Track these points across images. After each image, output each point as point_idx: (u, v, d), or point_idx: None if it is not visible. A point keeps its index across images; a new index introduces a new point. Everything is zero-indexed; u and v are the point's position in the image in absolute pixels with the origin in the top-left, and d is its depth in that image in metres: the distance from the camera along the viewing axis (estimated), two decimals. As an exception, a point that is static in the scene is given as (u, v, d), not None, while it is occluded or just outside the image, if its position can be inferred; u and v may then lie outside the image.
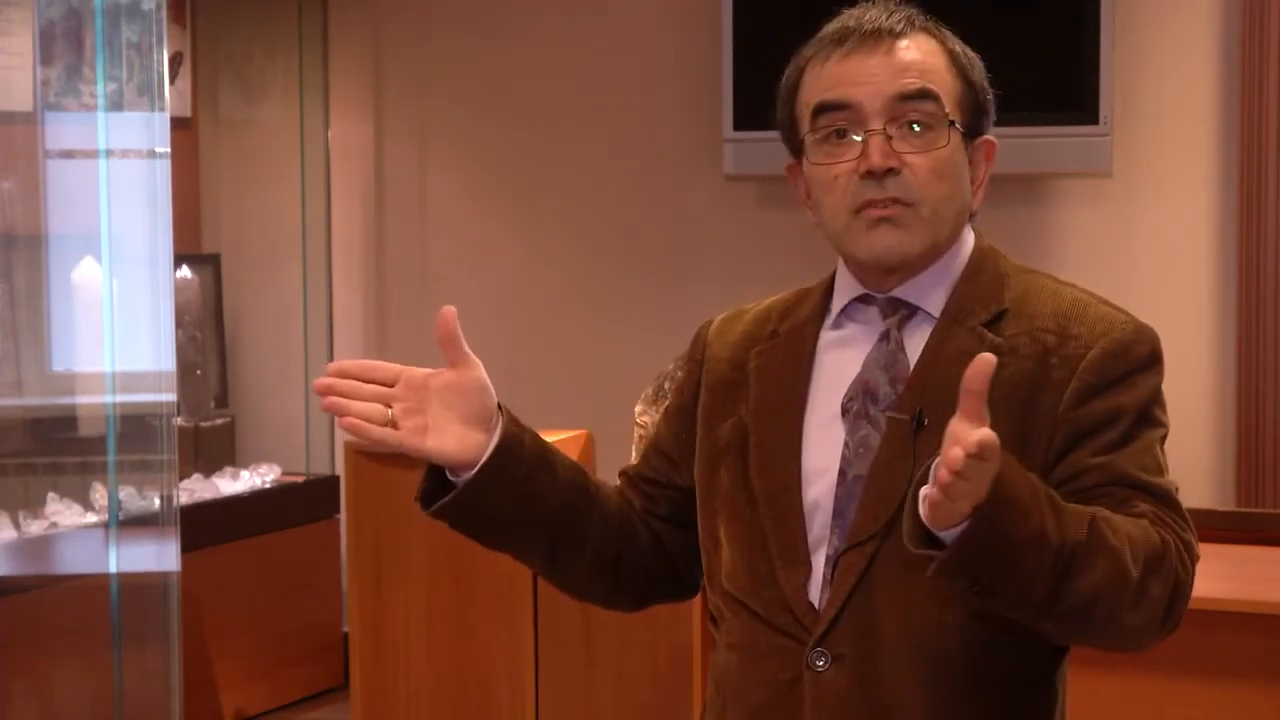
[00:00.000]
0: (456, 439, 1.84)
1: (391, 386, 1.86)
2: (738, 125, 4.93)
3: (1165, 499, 1.74)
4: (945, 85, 1.82)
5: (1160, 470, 1.76)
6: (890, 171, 1.78)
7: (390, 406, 1.84)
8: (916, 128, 1.80)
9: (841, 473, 1.80)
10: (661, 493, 1.98)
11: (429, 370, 1.87)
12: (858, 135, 1.80)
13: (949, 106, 1.81)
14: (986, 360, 1.56)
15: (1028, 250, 4.62)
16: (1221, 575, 3.29)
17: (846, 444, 1.80)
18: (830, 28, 1.86)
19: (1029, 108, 4.53)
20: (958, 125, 1.81)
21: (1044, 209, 4.85)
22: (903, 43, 1.82)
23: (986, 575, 1.62)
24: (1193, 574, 1.73)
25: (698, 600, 2.12)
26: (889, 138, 1.79)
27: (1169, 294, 4.70)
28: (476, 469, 1.84)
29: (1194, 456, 4.55)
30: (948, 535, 1.59)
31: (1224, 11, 4.68)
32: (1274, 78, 4.56)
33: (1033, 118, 4.51)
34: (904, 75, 1.80)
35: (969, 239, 1.88)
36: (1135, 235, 4.81)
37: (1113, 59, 4.61)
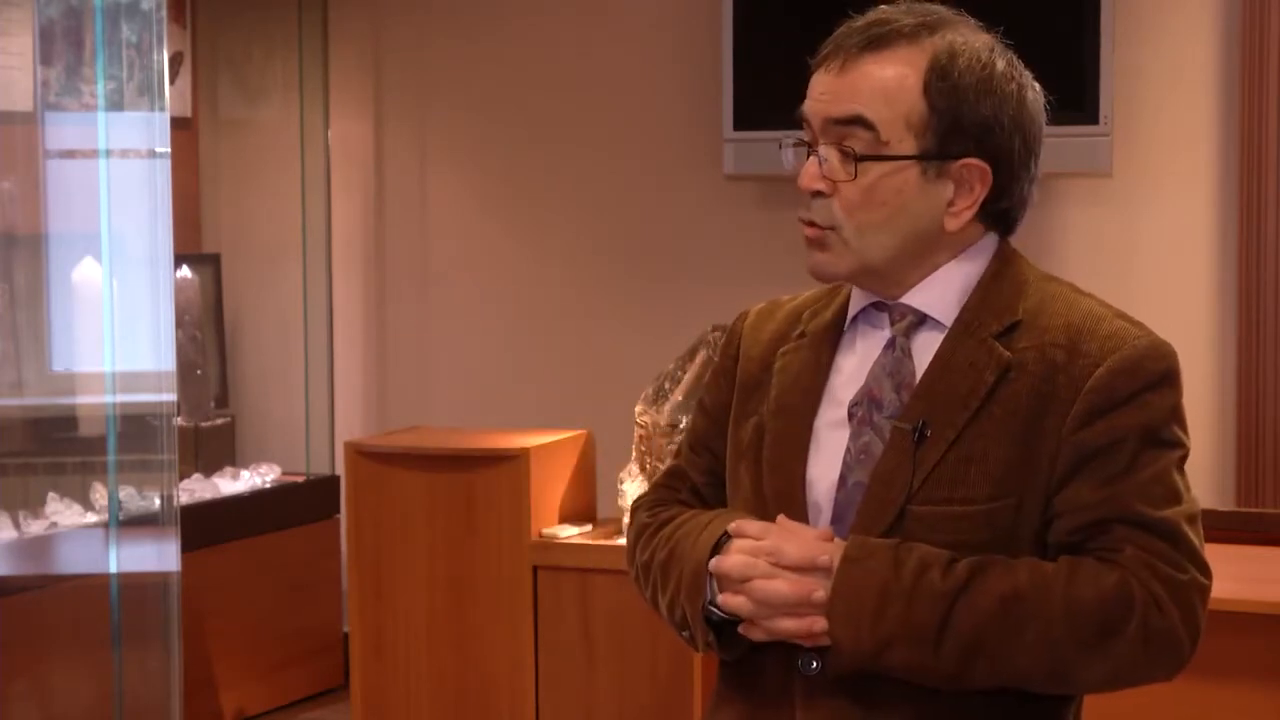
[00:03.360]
0: None
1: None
2: (738, 125, 4.93)
3: (1168, 534, 1.72)
4: (895, 110, 1.77)
5: (1172, 497, 1.74)
6: (818, 194, 1.80)
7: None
8: (847, 155, 1.78)
9: (842, 478, 1.80)
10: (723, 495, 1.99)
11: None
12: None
13: (890, 133, 1.76)
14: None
15: (1027, 250, 4.59)
16: (1222, 575, 3.27)
17: (849, 449, 1.80)
18: (837, 30, 1.85)
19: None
20: (894, 155, 1.77)
21: (1044, 209, 4.83)
22: (867, 57, 1.78)
23: (874, 671, 1.73)
24: (1182, 614, 1.72)
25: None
26: (824, 160, 1.79)
27: (1169, 294, 4.71)
28: None
29: (1194, 456, 4.54)
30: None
31: (1224, 12, 4.68)
32: (1274, 78, 4.56)
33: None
34: (843, 99, 1.78)
35: (987, 248, 1.85)
36: (1135, 235, 4.81)
37: (1113, 59, 4.61)
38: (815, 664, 1.77)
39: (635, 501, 2.05)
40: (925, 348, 1.82)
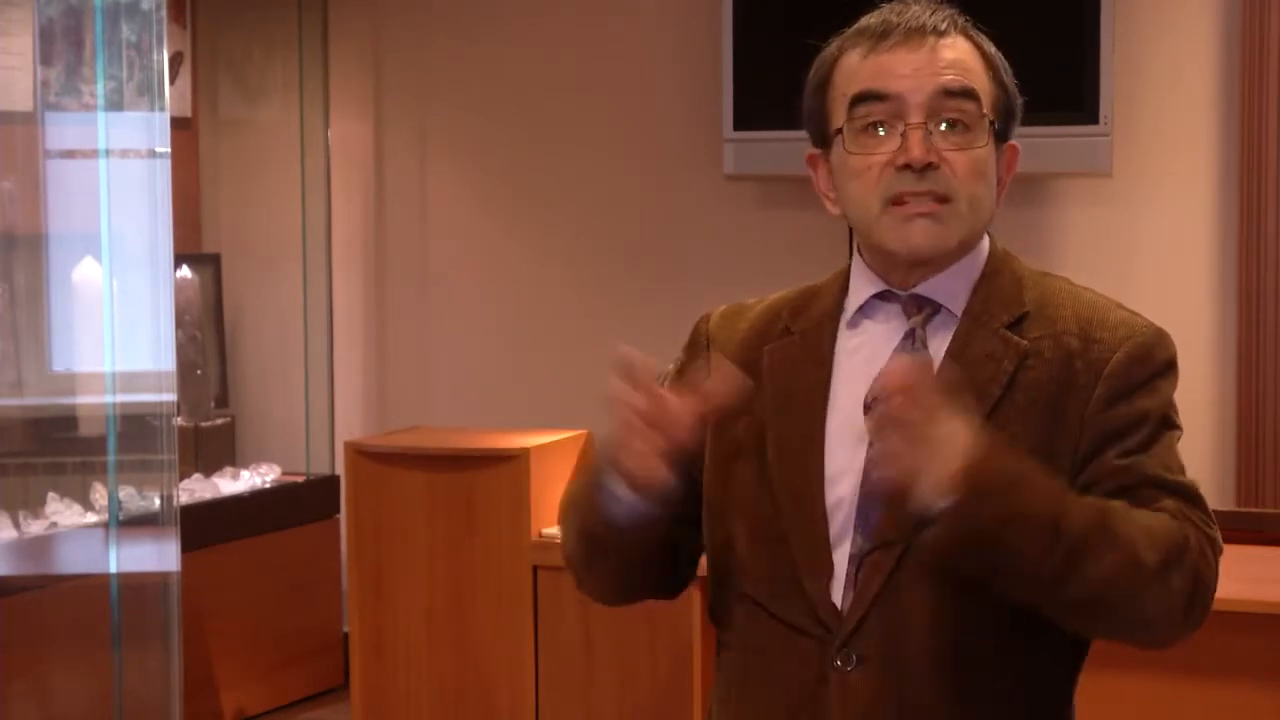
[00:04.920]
0: (657, 468, 1.79)
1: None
2: (738, 125, 4.92)
3: (1190, 496, 1.78)
4: (984, 86, 1.83)
5: (1182, 470, 1.80)
6: (929, 166, 1.79)
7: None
8: (956, 125, 1.81)
9: (866, 473, 1.79)
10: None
11: (677, 402, 1.79)
12: (896, 128, 1.80)
13: (987, 107, 1.83)
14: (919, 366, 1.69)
15: (1028, 250, 4.59)
16: (1222, 575, 3.29)
17: (871, 444, 1.79)
18: (871, 21, 1.86)
19: (1029, 108, 4.50)
20: (995, 127, 1.83)
21: (1044, 209, 4.85)
22: (946, 40, 1.83)
23: (983, 550, 1.67)
24: (1216, 569, 1.76)
25: (698, 600, 2.13)
26: (929, 133, 1.80)
27: (1169, 294, 4.70)
28: (666, 505, 1.80)
29: (1194, 456, 4.54)
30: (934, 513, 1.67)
31: (1224, 12, 4.68)
32: (1274, 78, 4.56)
33: (1033, 118, 4.47)
34: (948, 72, 1.81)
35: (985, 241, 1.89)
36: (1135, 235, 4.81)
37: (1113, 59, 4.61)
38: (849, 664, 1.76)
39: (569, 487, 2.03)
40: (937, 339, 1.83)
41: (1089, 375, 1.78)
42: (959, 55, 1.83)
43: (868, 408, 1.81)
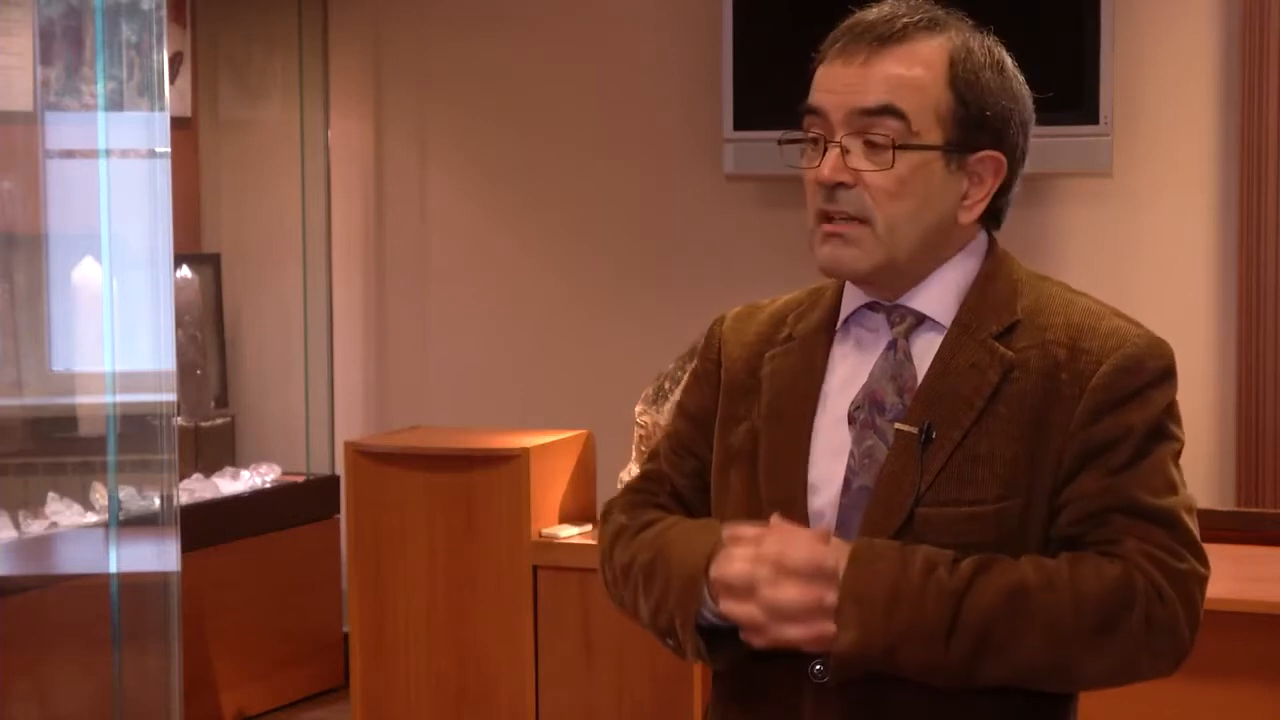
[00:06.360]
0: None
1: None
2: (738, 125, 4.93)
3: (1168, 522, 1.73)
4: (925, 100, 1.76)
5: (1170, 488, 1.75)
6: (840, 185, 1.76)
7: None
8: (879, 143, 1.76)
9: (846, 482, 1.78)
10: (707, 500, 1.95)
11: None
12: (823, 143, 1.78)
13: (920, 123, 1.76)
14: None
15: (1028, 250, 4.61)
16: (1221, 575, 3.28)
17: (852, 453, 1.79)
18: (844, 23, 1.82)
19: (1029, 108, 4.53)
20: (926, 145, 1.76)
21: (1044, 209, 4.85)
22: (890, 49, 1.77)
23: (882, 672, 1.70)
24: (1183, 604, 1.72)
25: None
26: (845, 151, 1.76)
27: (1169, 294, 4.71)
28: None
29: (1194, 457, 4.54)
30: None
31: (1224, 13, 4.68)
32: (1274, 77, 4.56)
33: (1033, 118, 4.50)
34: (871, 89, 1.76)
35: (980, 246, 1.85)
36: (1135, 235, 4.81)
37: (1113, 59, 4.61)
38: (824, 671, 1.75)
39: (607, 504, 2.00)
40: (924, 349, 1.81)
41: (1074, 387, 1.74)
42: (898, 68, 1.76)
43: (851, 418, 1.80)
